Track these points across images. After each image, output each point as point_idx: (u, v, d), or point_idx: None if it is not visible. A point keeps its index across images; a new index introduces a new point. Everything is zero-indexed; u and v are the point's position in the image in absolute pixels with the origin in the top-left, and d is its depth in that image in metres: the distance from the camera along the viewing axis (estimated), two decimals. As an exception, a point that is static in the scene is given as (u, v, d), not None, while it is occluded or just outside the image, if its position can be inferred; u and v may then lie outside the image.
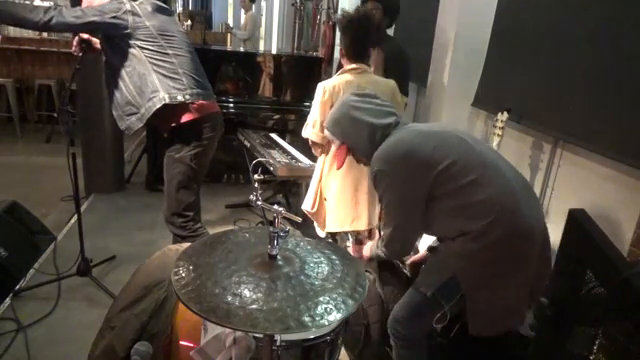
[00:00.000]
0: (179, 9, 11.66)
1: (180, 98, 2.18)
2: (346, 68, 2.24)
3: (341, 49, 2.29)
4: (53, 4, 2.07)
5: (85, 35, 2.29)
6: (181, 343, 1.62)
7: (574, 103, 2.22)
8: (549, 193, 2.44)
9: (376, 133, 1.62)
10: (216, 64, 4.06)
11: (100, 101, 3.65)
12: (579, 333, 1.16)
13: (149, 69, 2.16)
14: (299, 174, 2.99)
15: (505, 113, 2.42)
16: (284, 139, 3.74)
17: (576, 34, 2.23)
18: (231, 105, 4.09)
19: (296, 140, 3.93)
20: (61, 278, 2.57)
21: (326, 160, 2.28)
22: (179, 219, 2.35)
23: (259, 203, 1.45)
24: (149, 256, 1.95)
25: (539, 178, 2.49)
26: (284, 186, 3.82)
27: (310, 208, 2.34)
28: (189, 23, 8.64)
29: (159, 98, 2.16)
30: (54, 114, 2.55)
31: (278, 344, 1.40)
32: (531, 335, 1.68)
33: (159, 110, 2.17)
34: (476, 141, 1.61)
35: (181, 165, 2.29)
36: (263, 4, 10.31)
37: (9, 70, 5.36)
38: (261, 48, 9.17)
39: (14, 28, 5.35)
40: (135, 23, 2.11)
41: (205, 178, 2.48)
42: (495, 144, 2.45)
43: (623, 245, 1.83)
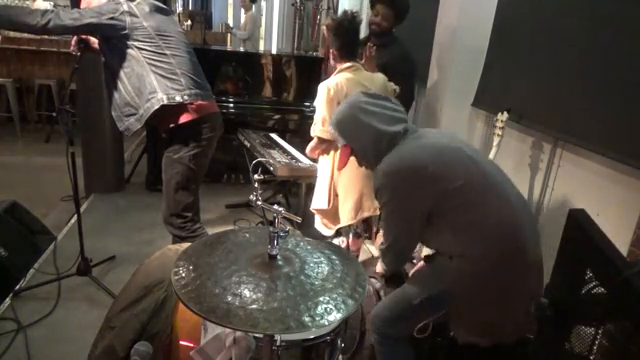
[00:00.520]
0: (179, 9, 11.66)
1: (178, 99, 2.18)
2: (343, 67, 2.32)
3: (332, 52, 2.34)
4: (51, 6, 2.07)
5: (83, 35, 2.29)
6: (181, 343, 1.62)
7: (574, 103, 2.22)
8: (549, 193, 2.43)
9: (382, 140, 1.57)
10: (216, 64, 4.07)
11: (100, 101, 3.65)
12: (579, 333, 1.16)
13: (147, 70, 2.15)
14: (299, 174, 2.99)
15: (505, 113, 2.42)
16: (284, 139, 3.74)
17: (576, 34, 2.23)
18: (231, 105, 4.09)
19: (296, 140, 3.94)
20: (61, 278, 2.57)
21: (336, 157, 2.31)
22: (178, 220, 2.35)
23: (259, 203, 1.45)
24: (149, 256, 1.95)
25: (539, 178, 2.49)
26: (284, 186, 3.82)
27: (326, 205, 2.36)
28: (189, 23, 8.65)
29: (157, 99, 2.16)
30: (54, 114, 2.54)
31: (278, 344, 1.41)
32: (531, 335, 1.68)
33: (157, 111, 2.16)
34: (483, 159, 1.58)
35: (180, 166, 2.28)
36: (263, 4, 10.31)
37: (9, 70, 5.36)
38: (261, 48, 9.17)
39: (14, 28, 5.34)
40: (133, 24, 2.11)
41: (205, 178, 2.48)
42: (495, 144, 2.45)
43: (623, 245, 1.83)
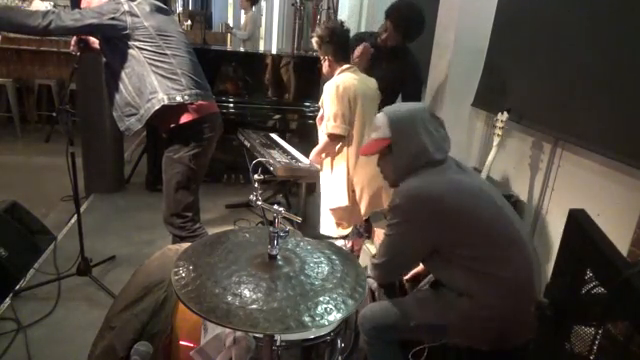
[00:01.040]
0: (179, 9, 11.66)
1: (179, 99, 2.18)
2: (343, 68, 2.42)
3: (328, 59, 2.44)
4: (50, 6, 2.08)
5: (84, 35, 2.29)
6: (181, 343, 1.62)
7: (574, 103, 2.22)
8: (549, 193, 2.43)
9: (421, 158, 1.55)
10: (216, 64, 4.07)
11: (100, 101, 3.65)
12: (579, 333, 1.16)
13: (148, 70, 2.15)
14: (299, 174, 2.99)
15: (505, 113, 2.42)
16: (284, 139, 3.74)
17: (576, 34, 2.23)
18: (231, 105, 4.09)
19: (296, 140, 3.94)
20: (61, 278, 2.57)
21: (350, 152, 2.32)
22: (178, 220, 2.35)
23: (259, 203, 1.45)
24: (149, 256, 1.95)
25: (539, 178, 2.49)
26: (284, 186, 3.82)
27: (347, 202, 2.39)
28: (189, 23, 8.64)
29: (158, 99, 2.16)
30: (54, 114, 2.55)
31: (278, 344, 1.41)
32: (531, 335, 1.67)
33: (158, 111, 2.16)
34: (509, 210, 1.57)
35: (180, 166, 2.28)
36: (263, 4, 10.31)
37: (9, 70, 5.35)
38: (261, 48, 9.16)
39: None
40: (134, 24, 2.11)
41: (205, 178, 2.48)
42: (495, 144, 2.45)
43: (623, 245, 1.83)
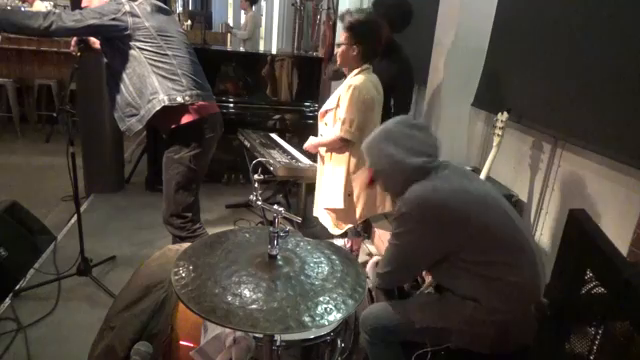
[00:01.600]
0: (179, 9, 11.64)
1: (180, 99, 2.18)
2: (363, 68, 2.35)
3: (357, 51, 2.30)
4: (50, 6, 2.08)
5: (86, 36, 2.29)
6: (181, 343, 1.61)
7: (574, 103, 2.22)
8: (549, 193, 2.43)
9: (405, 170, 1.54)
10: (216, 64, 4.07)
11: (100, 101, 3.65)
12: (579, 333, 1.16)
13: (149, 70, 2.15)
14: (299, 174, 2.99)
15: (505, 113, 2.42)
16: (284, 139, 3.74)
17: (576, 34, 2.23)
18: (231, 105, 4.09)
19: (296, 140, 3.94)
20: (61, 278, 2.57)
21: (351, 156, 2.35)
22: (178, 220, 2.35)
23: (259, 203, 1.45)
24: (149, 256, 1.95)
25: (539, 178, 2.49)
26: (284, 186, 3.82)
27: (342, 205, 2.39)
28: (189, 23, 8.63)
29: (158, 100, 2.16)
30: (54, 114, 2.55)
31: (278, 344, 1.41)
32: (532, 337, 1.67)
33: (159, 111, 2.16)
34: (515, 215, 1.56)
35: (180, 166, 2.28)
36: (263, 4, 10.31)
37: (9, 70, 5.35)
38: (261, 48, 9.17)
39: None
40: (135, 24, 2.11)
41: (205, 178, 2.48)
42: (495, 144, 2.45)
43: (623, 245, 1.83)
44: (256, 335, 1.35)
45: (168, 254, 1.90)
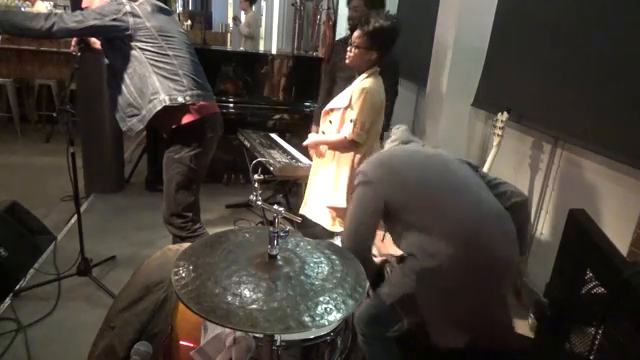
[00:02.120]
0: (179, 9, 11.65)
1: (180, 100, 2.18)
2: (374, 71, 2.34)
3: (375, 55, 2.28)
4: (51, 6, 2.07)
5: (87, 37, 2.29)
6: (181, 343, 1.61)
7: (574, 103, 2.22)
8: (549, 193, 2.44)
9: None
10: (216, 64, 4.06)
11: (100, 101, 3.65)
12: (579, 333, 1.16)
13: (150, 71, 2.15)
14: (299, 174, 2.99)
15: (505, 113, 2.42)
16: (284, 139, 3.74)
17: (576, 34, 2.23)
18: (231, 105, 4.09)
19: (296, 140, 3.93)
20: (61, 278, 2.57)
21: (356, 158, 2.35)
22: (178, 220, 2.35)
23: (259, 203, 1.45)
24: (149, 256, 1.95)
25: (539, 178, 2.49)
26: (284, 186, 3.82)
27: (345, 204, 2.38)
28: (189, 23, 8.64)
29: (159, 100, 2.16)
30: (54, 114, 2.55)
31: (278, 344, 1.41)
32: (531, 335, 1.68)
33: (160, 112, 2.16)
34: (460, 166, 1.63)
35: (181, 166, 2.28)
36: (263, 4, 10.32)
37: (9, 70, 5.35)
38: (261, 48, 9.17)
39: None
40: (136, 24, 2.10)
41: (205, 178, 2.48)
42: (495, 144, 2.45)
43: (623, 245, 1.83)
44: (256, 335, 1.35)
45: (168, 254, 1.90)
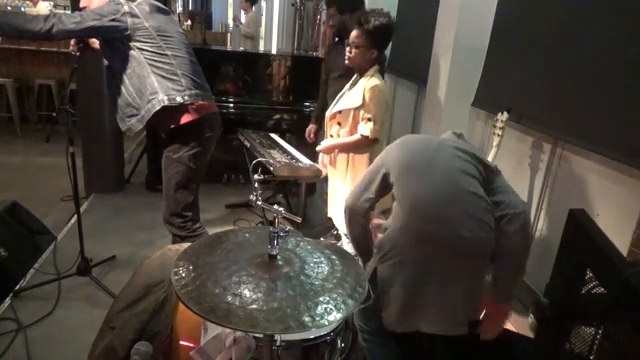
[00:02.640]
0: (179, 9, 11.65)
1: (179, 99, 2.18)
2: (376, 69, 2.35)
3: (375, 53, 2.30)
4: (51, 6, 2.07)
5: (87, 38, 2.28)
6: (181, 343, 1.61)
7: (574, 103, 2.22)
8: (549, 193, 2.44)
9: None
10: (216, 64, 4.06)
11: (100, 101, 3.65)
12: (579, 333, 1.16)
13: (148, 71, 2.15)
14: (299, 174, 2.99)
15: (505, 113, 2.42)
16: (284, 139, 3.74)
17: (576, 34, 2.23)
18: (231, 105, 4.09)
19: (296, 140, 3.94)
20: (61, 278, 2.57)
21: (373, 156, 2.34)
22: (178, 219, 2.35)
23: (259, 203, 1.45)
24: (149, 256, 1.95)
25: (539, 178, 2.49)
26: (284, 186, 3.82)
27: None
28: (189, 23, 8.64)
29: (158, 100, 2.16)
30: (54, 114, 2.56)
31: (278, 344, 1.41)
32: (531, 335, 1.68)
33: (158, 111, 2.17)
34: (451, 152, 1.64)
35: (180, 165, 2.28)
36: (263, 4, 10.32)
37: (9, 70, 5.35)
38: (261, 48, 9.17)
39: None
40: (134, 25, 2.10)
41: (205, 178, 2.48)
42: (495, 144, 2.45)
43: (623, 245, 1.83)
44: (256, 335, 1.35)
45: (168, 254, 1.90)
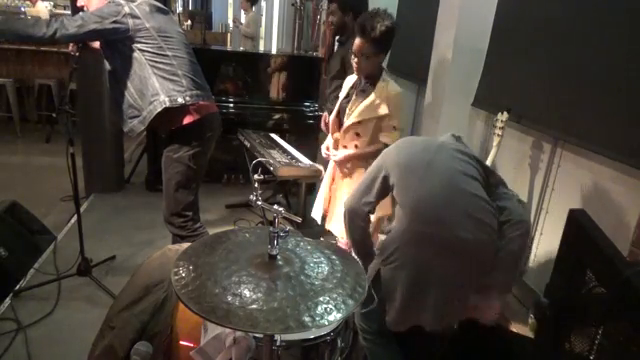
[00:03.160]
0: (179, 9, 11.65)
1: (180, 100, 2.18)
2: (385, 75, 2.28)
3: (379, 60, 2.23)
4: (51, 6, 2.07)
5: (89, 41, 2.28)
6: (181, 343, 1.61)
7: (574, 103, 2.22)
8: (549, 193, 2.44)
9: None
10: (216, 64, 4.06)
11: (100, 101, 3.65)
12: (579, 333, 1.16)
13: (149, 72, 2.15)
14: (299, 174, 2.99)
15: (505, 113, 2.42)
16: (284, 139, 3.74)
17: (576, 34, 2.23)
18: (231, 105, 4.09)
19: (296, 140, 3.94)
20: (61, 278, 2.57)
21: None
22: (178, 219, 2.35)
23: (259, 203, 1.45)
24: (149, 256, 1.95)
25: (539, 178, 2.49)
26: (284, 186, 3.82)
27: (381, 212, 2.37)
28: (189, 23, 8.64)
29: (160, 101, 2.16)
30: (54, 114, 2.56)
31: (278, 344, 1.41)
32: (531, 335, 1.68)
33: (160, 113, 2.17)
34: (451, 154, 1.63)
35: (180, 165, 2.28)
36: (263, 4, 10.32)
37: (9, 70, 5.35)
38: (261, 48, 9.17)
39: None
40: (135, 26, 2.10)
41: (205, 178, 2.48)
42: (495, 144, 2.45)
43: (623, 245, 1.83)
44: (256, 335, 1.35)
45: (168, 254, 1.90)
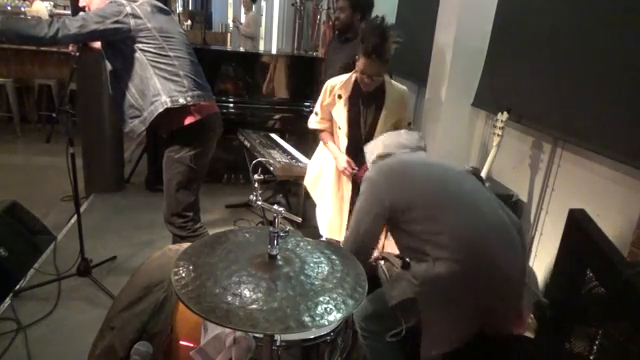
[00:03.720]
0: (179, 9, 11.65)
1: (182, 101, 2.18)
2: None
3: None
4: (50, 6, 2.07)
5: (91, 42, 2.28)
6: (181, 343, 1.61)
7: (574, 103, 2.22)
8: (549, 193, 2.43)
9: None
10: (216, 64, 4.06)
11: (100, 101, 3.65)
12: (579, 333, 1.16)
13: (150, 72, 2.15)
14: (299, 174, 2.99)
15: (505, 113, 2.42)
16: (284, 139, 3.74)
17: (576, 34, 2.23)
18: (231, 105, 4.09)
19: (296, 140, 3.94)
20: (61, 278, 2.57)
21: None
22: (179, 219, 2.35)
23: (259, 203, 1.45)
24: (149, 256, 1.95)
25: (539, 178, 2.49)
26: (284, 186, 3.82)
27: None
28: (189, 23, 8.64)
29: (161, 102, 2.15)
30: (54, 114, 2.56)
31: (278, 344, 1.41)
32: (531, 335, 1.68)
33: (161, 113, 2.16)
34: (464, 177, 1.65)
35: (181, 165, 2.28)
36: (263, 4, 10.32)
37: (9, 70, 5.35)
38: (261, 48, 9.17)
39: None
40: (137, 26, 2.10)
41: (205, 178, 2.48)
42: (495, 144, 2.45)
43: (623, 245, 1.83)
44: (256, 335, 1.35)
45: (168, 254, 1.90)
